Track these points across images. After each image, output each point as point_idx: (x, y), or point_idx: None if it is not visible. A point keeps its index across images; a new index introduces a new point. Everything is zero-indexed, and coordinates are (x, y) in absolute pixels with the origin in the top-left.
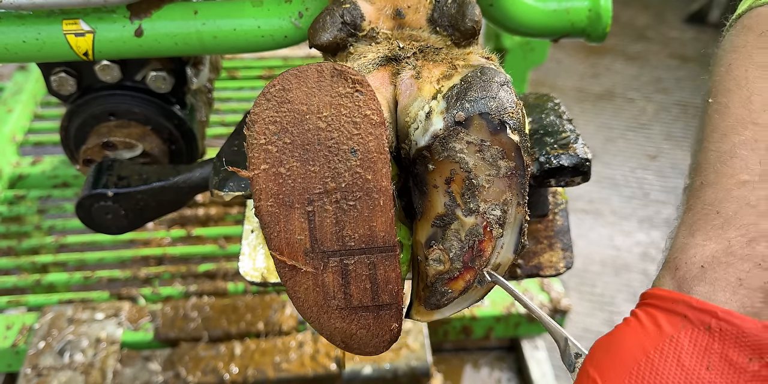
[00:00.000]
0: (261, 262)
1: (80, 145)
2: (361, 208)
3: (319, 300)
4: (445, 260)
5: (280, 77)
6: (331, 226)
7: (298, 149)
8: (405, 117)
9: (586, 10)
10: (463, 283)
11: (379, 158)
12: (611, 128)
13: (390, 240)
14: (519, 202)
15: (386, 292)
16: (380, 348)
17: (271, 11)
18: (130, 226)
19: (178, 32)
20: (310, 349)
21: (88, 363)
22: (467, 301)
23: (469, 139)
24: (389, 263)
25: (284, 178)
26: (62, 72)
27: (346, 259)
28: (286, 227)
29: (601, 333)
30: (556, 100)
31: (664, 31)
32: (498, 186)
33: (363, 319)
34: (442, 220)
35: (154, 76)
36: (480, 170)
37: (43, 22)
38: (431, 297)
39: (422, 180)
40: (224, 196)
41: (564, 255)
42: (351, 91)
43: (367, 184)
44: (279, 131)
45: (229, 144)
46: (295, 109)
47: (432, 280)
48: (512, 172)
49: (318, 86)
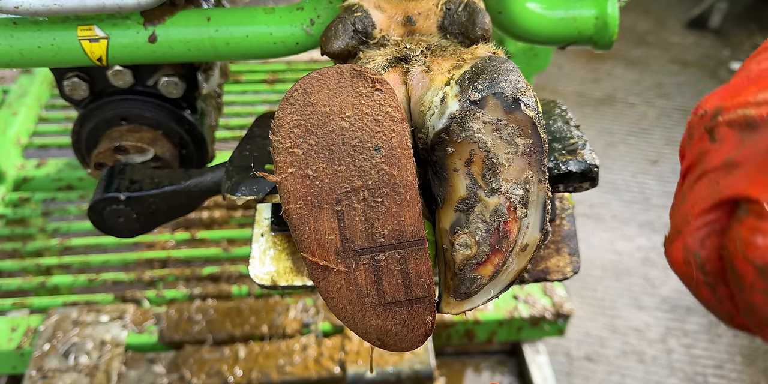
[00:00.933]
0: (271, 265)
1: (92, 149)
2: (388, 204)
3: (353, 298)
4: (472, 244)
5: (302, 81)
6: (360, 224)
7: (323, 150)
8: (420, 107)
9: (593, 18)
10: (491, 267)
11: (402, 154)
12: (612, 133)
13: (419, 234)
14: (540, 179)
15: (418, 285)
16: (416, 343)
17: (283, 18)
18: (141, 229)
19: (192, 38)
20: (313, 352)
21: (93, 365)
22: (497, 287)
23: (486, 119)
24: (419, 256)
25: (311, 179)
26: (75, 77)
27: (377, 256)
28: (316, 228)
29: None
30: (563, 106)
31: (665, 36)
32: (518, 164)
33: (398, 315)
34: (465, 203)
35: (166, 82)
36: (499, 149)
37: (58, 28)
38: (461, 285)
39: (442, 165)
40: (237, 200)
41: (571, 259)
42: (371, 90)
43: (393, 179)
44: (304, 134)
45: (240, 149)
46: (318, 112)
47: (460, 267)
48: (531, 149)
49: (339, 88)
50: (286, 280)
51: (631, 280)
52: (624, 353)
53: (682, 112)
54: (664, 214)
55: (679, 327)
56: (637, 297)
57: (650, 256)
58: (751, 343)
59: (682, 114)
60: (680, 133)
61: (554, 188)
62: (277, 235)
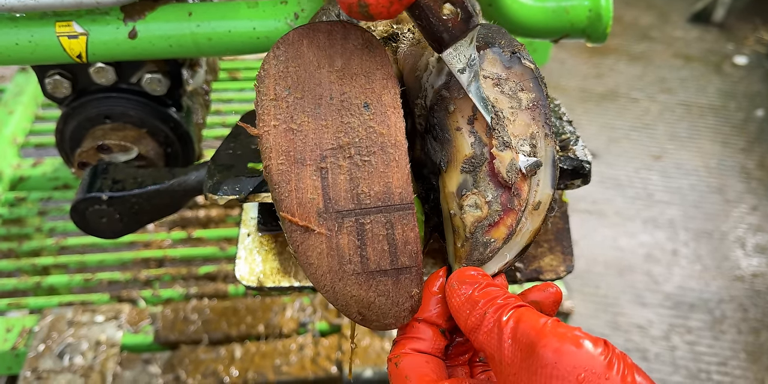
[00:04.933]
0: (258, 266)
1: (75, 148)
2: (376, 164)
3: (334, 265)
4: (482, 204)
5: (292, 32)
6: (345, 184)
7: (309, 104)
8: (415, 73)
9: (587, 9)
10: (505, 228)
11: (393, 112)
12: (615, 128)
13: (407, 197)
14: (546, 134)
15: (405, 253)
16: (400, 318)
17: (267, 13)
18: (125, 229)
19: (173, 34)
20: (310, 351)
21: (88, 366)
22: (512, 250)
23: (485, 74)
24: (407, 222)
25: (295, 133)
26: (57, 74)
27: (361, 219)
28: (297, 186)
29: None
30: (557, 101)
31: (668, 31)
32: (522, 119)
33: (381, 285)
34: (470, 163)
35: (150, 79)
36: (502, 104)
37: (36, 24)
38: (473, 251)
39: (443, 126)
40: (218, 199)
41: (564, 258)
42: (362, 45)
43: (382, 138)
44: (289, 86)
45: (224, 147)
46: (306, 63)
47: (471, 230)
48: (534, 104)
49: (330, 41)
50: (273, 282)
51: (633, 276)
52: (627, 350)
53: (685, 107)
54: (667, 210)
55: (683, 324)
56: (639, 294)
57: (653, 252)
58: (756, 340)
59: (685, 109)
60: (684, 128)
61: None
62: (264, 236)
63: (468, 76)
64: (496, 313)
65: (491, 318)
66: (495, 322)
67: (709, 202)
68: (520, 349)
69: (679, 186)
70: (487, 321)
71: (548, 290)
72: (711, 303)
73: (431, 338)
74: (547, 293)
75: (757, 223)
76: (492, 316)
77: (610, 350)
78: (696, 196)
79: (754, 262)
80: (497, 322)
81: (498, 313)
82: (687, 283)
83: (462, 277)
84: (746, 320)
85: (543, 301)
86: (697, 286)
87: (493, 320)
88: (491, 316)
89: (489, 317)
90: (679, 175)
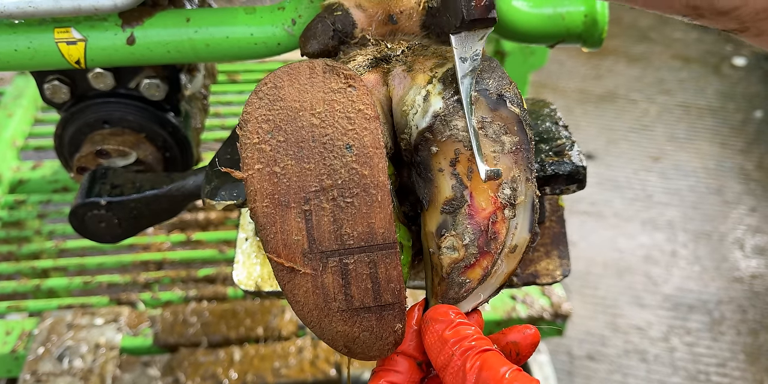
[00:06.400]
0: (255, 270)
1: (74, 153)
2: (359, 205)
3: (320, 303)
4: (459, 247)
5: (272, 75)
6: (328, 225)
7: (292, 147)
8: (402, 107)
9: (582, 15)
10: (480, 270)
11: (375, 153)
12: (614, 130)
13: (390, 237)
14: (527, 178)
15: (388, 291)
16: (384, 351)
17: (264, 19)
18: (124, 234)
19: (171, 40)
20: (309, 354)
21: (87, 369)
22: (486, 291)
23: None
24: (390, 261)
25: (279, 177)
26: (55, 80)
27: (345, 259)
28: (282, 228)
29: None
30: (552, 106)
31: (667, 33)
32: (505, 162)
33: (365, 321)
34: (451, 204)
35: (148, 84)
36: (484, 147)
37: (35, 31)
38: (449, 290)
39: (426, 166)
40: (216, 205)
41: (561, 263)
42: (344, 86)
43: (364, 179)
44: (272, 129)
45: (222, 152)
46: (288, 107)
47: (448, 271)
48: (517, 147)
49: (310, 83)
50: (271, 286)
51: (632, 278)
52: (626, 352)
53: (684, 108)
54: (666, 212)
55: (682, 325)
56: (638, 295)
57: (652, 253)
58: (755, 341)
59: (684, 110)
60: (683, 129)
61: (540, 190)
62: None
63: (466, 67)
64: (462, 357)
65: (457, 361)
66: (460, 366)
67: (707, 204)
68: None
69: (678, 187)
70: (454, 363)
71: (526, 332)
72: (710, 304)
73: (407, 371)
74: (525, 335)
75: (756, 225)
76: (458, 359)
77: None
78: (695, 197)
79: (753, 264)
80: (462, 366)
81: (464, 356)
82: (686, 284)
83: (435, 314)
84: (745, 321)
85: (521, 342)
86: (696, 287)
87: (459, 363)
88: (458, 359)
89: (456, 360)
90: (677, 177)
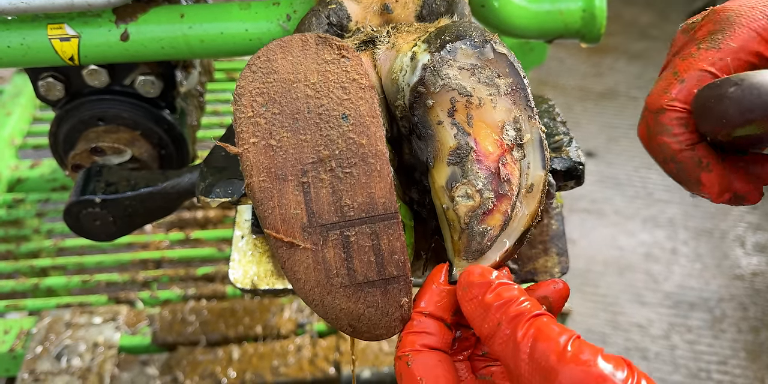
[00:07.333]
0: (251, 268)
1: (69, 150)
2: (357, 175)
3: (321, 279)
4: (473, 193)
5: (265, 48)
6: (327, 197)
7: (287, 119)
8: (391, 76)
9: (580, 10)
10: (500, 215)
11: (372, 122)
12: (614, 127)
13: (391, 206)
14: (529, 116)
15: (392, 263)
16: (391, 328)
17: (259, 14)
18: (118, 232)
19: (165, 36)
20: (308, 352)
21: (86, 367)
22: (511, 237)
23: (459, 65)
24: (392, 231)
25: (275, 150)
26: (50, 77)
27: (346, 231)
28: (280, 202)
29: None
30: (551, 101)
31: (668, 30)
32: (503, 104)
33: (370, 296)
34: (456, 154)
35: (143, 81)
36: (480, 92)
37: (28, 27)
38: (471, 242)
39: (424, 123)
40: (210, 202)
41: (559, 260)
42: (337, 57)
43: (362, 149)
44: (267, 102)
45: (217, 149)
46: (281, 79)
47: (466, 221)
48: (513, 88)
49: (303, 55)
50: (267, 284)
51: (633, 275)
52: (627, 350)
53: None
54: (667, 209)
55: (683, 323)
56: (639, 293)
57: (653, 251)
58: (756, 339)
59: None
60: None
61: None
62: (257, 238)
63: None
64: (510, 324)
65: (506, 329)
66: (510, 336)
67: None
68: (537, 371)
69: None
70: (502, 332)
71: (555, 286)
72: (711, 302)
73: (439, 333)
74: (554, 289)
75: (757, 222)
76: (506, 327)
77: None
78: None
79: (754, 261)
80: (512, 336)
81: (512, 325)
82: (687, 281)
83: (470, 278)
84: (746, 319)
85: (551, 296)
86: (696, 284)
87: (509, 332)
88: (506, 328)
89: (503, 329)
90: None
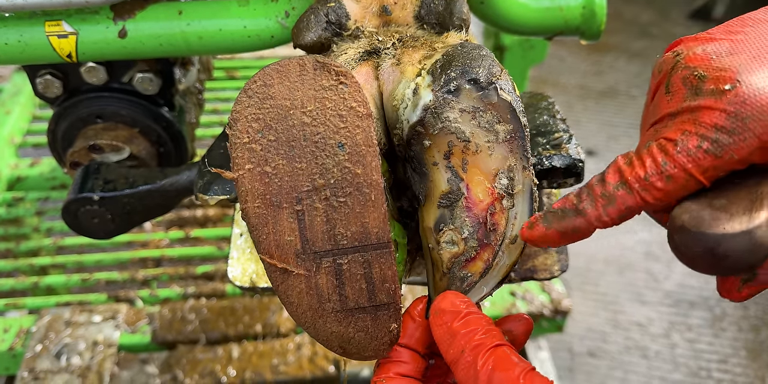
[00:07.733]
0: (250, 266)
1: (67, 148)
2: (352, 204)
3: (314, 303)
4: (458, 240)
5: (261, 73)
6: (321, 225)
7: (283, 146)
8: (392, 102)
9: (580, 7)
10: (481, 263)
11: (368, 151)
12: (614, 126)
13: (384, 236)
14: (524, 166)
15: (383, 290)
16: (380, 351)
17: (258, 11)
18: (117, 230)
19: (163, 33)
20: (308, 351)
21: (85, 366)
22: (489, 283)
23: (462, 107)
24: (384, 260)
25: (270, 177)
26: (48, 74)
27: (339, 259)
28: (274, 229)
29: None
30: (550, 99)
31: (668, 28)
32: (500, 152)
33: (360, 321)
34: (447, 198)
35: (141, 78)
36: (478, 138)
37: (25, 24)
38: (451, 285)
39: (420, 160)
40: (209, 200)
41: (558, 258)
42: (335, 83)
43: (357, 178)
44: (262, 128)
45: (216, 146)
46: (278, 105)
47: (448, 266)
48: (511, 136)
49: (301, 80)
50: (266, 282)
51: (633, 274)
52: (627, 348)
53: None
54: None
55: (683, 321)
56: (639, 291)
57: (653, 250)
58: (756, 338)
59: None
60: None
61: (538, 184)
62: None
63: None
64: (472, 353)
65: (468, 357)
66: (471, 363)
67: None
68: None
69: None
70: (464, 359)
71: (521, 321)
72: (711, 300)
73: (413, 361)
74: (519, 323)
75: None
76: (469, 355)
77: None
78: None
79: None
80: (473, 363)
81: (474, 353)
82: (687, 280)
83: (443, 305)
84: (746, 318)
85: (515, 330)
86: (697, 283)
87: (470, 360)
88: (468, 355)
89: (466, 356)
90: None
